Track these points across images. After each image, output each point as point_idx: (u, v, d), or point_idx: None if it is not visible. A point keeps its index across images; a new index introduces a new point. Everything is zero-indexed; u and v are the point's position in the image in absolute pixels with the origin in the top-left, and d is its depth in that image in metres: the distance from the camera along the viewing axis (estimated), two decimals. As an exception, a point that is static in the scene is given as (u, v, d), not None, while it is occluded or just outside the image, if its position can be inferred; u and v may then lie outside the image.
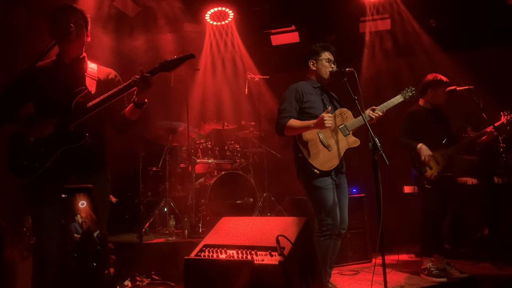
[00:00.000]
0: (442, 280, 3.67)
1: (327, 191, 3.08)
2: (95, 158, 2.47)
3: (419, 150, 3.87)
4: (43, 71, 2.44)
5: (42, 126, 2.31)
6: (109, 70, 2.62)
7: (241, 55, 6.67)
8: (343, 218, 3.20)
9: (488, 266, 4.17)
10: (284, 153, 5.77)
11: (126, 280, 4.01)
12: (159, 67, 2.41)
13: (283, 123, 3.13)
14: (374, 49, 6.32)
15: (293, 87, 3.31)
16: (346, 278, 3.96)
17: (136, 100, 2.40)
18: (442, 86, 4.01)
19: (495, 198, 4.57)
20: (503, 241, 4.36)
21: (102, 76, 2.54)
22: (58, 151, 2.28)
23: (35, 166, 2.25)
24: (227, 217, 2.45)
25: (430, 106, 4.10)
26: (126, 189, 5.60)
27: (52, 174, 2.27)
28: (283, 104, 3.24)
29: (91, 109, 2.35)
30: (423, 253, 3.94)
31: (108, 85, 2.49)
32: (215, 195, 4.91)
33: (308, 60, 3.41)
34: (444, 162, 3.92)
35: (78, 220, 1.42)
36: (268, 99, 6.30)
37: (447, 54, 5.85)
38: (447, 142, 3.98)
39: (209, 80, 6.73)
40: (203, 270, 2.04)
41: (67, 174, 2.31)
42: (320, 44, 3.41)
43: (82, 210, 1.41)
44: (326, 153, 3.13)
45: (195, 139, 5.38)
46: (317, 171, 3.05)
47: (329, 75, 3.33)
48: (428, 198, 3.91)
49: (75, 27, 2.38)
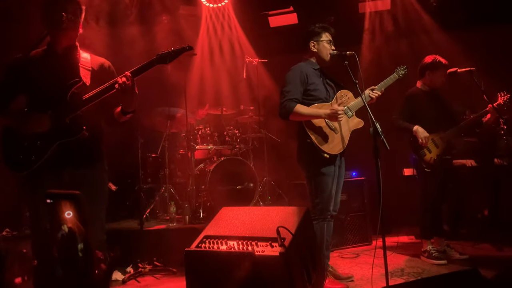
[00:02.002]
0: (442, 262, 3.72)
1: (329, 178, 3.13)
2: (91, 150, 2.44)
3: (415, 132, 3.84)
4: (36, 61, 2.39)
5: (37, 119, 2.27)
6: (102, 59, 2.56)
7: (239, 38, 6.54)
8: (336, 201, 3.27)
9: (488, 247, 4.20)
10: (284, 137, 5.73)
11: (128, 267, 4.04)
12: (156, 59, 2.37)
13: (290, 107, 3.05)
14: (374, 30, 6.21)
15: (297, 68, 3.24)
16: (346, 261, 4.00)
17: (123, 108, 2.39)
18: (440, 69, 3.95)
19: (495, 180, 4.57)
20: (503, 222, 4.38)
21: (96, 66, 2.49)
22: (55, 144, 2.26)
23: (31, 160, 2.23)
24: (227, 207, 2.44)
25: (428, 89, 4.04)
26: (126, 176, 5.58)
27: (49, 167, 2.26)
28: (288, 85, 3.16)
29: (87, 101, 2.31)
30: (423, 235, 3.97)
31: (102, 76, 2.44)
32: (215, 181, 4.90)
33: (308, 41, 3.33)
34: (444, 145, 3.90)
35: (64, 230, 1.39)
36: (267, 83, 6.22)
37: (448, 34, 5.75)
38: (446, 124, 3.95)
39: (207, 65, 6.62)
40: (204, 262, 2.04)
41: (64, 166, 2.30)
42: (320, 24, 3.34)
43: (69, 220, 1.38)
44: (334, 137, 3.14)
45: (193, 125, 5.34)
46: (327, 155, 3.05)
47: (329, 58, 3.28)
48: (428, 181, 3.92)
49: (69, 16, 2.32)
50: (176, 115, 5.38)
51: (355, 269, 3.68)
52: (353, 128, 3.25)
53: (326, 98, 3.24)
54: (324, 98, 3.23)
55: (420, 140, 3.82)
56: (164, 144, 5.40)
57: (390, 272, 3.41)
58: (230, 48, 6.67)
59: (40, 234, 2.24)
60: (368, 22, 6.20)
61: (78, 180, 2.33)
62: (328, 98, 3.26)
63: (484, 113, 3.86)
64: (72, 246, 1.37)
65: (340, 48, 3.29)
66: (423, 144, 3.82)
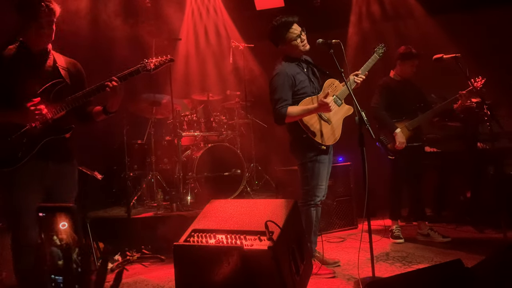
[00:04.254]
0: (398, 241, 4.00)
1: (323, 166, 3.20)
2: (69, 147, 2.53)
3: (396, 134, 3.97)
4: (12, 59, 2.33)
5: (16, 116, 2.27)
6: (73, 60, 2.62)
7: (224, 21, 6.43)
8: (325, 187, 3.34)
9: (470, 229, 4.32)
10: (270, 123, 5.71)
11: (116, 255, 4.05)
12: (142, 67, 2.48)
13: (283, 113, 3.07)
14: (360, 14, 6.16)
15: (282, 73, 3.18)
16: (333, 245, 4.07)
17: (107, 108, 2.48)
18: (410, 60, 4.07)
19: (478, 164, 4.66)
20: (484, 205, 4.49)
21: (71, 66, 2.55)
22: (43, 141, 2.31)
23: (17, 157, 2.25)
24: (216, 200, 2.45)
25: (399, 78, 4.18)
26: (112, 163, 5.53)
27: (33, 162, 2.30)
28: (277, 93, 3.13)
29: (75, 101, 2.38)
30: (390, 217, 4.20)
31: (76, 76, 2.53)
32: (203, 167, 4.89)
33: (280, 38, 3.24)
34: (409, 133, 4.04)
35: (57, 243, 1.37)
36: (254, 67, 6.16)
37: (434, 19, 5.74)
38: (414, 114, 4.10)
39: (192, 50, 6.51)
40: (192, 256, 2.05)
41: (46, 161, 2.35)
42: (283, 19, 3.22)
43: (63, 231, 1.36)
44: (328, 127, 3.19)
45: (180, 112, 5.28)
46: (324, 147, 3.13)
47: (307, 47, 3.24)
48: (393, 167, 4.16)
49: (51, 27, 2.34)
50: (162, 101, 5.31)
51: (342, 253, 3.76)
52: (344, 116, 3.31)
53: (312, 92, 3.25)
54: (311, 93, 3.23)
55: (397, 143, 3.95)
56: (150, 131, 5.33)
57: (376, 256, 3.48)
58: (216, 32, 6.56)
59: (21, 233, 2.25)
60: (355, 5, 6.14)
61: (58, 174, 2.43)
62: (314, 92, 3.27)
63: (454, 99, 3.98)
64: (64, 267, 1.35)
65: (326, 32, 3.26)
66: (397, 147, 3.96)
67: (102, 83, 2.41)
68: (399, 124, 4.02)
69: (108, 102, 2.47)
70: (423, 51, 4.20)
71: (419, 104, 4.16)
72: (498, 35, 5.41)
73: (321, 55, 3.25)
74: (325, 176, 3.24)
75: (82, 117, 2.61)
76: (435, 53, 3.89)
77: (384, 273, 3.14)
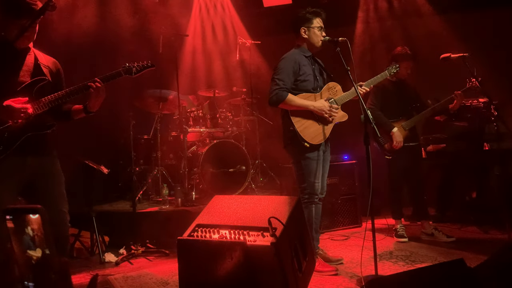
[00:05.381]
0: (402, 240, 3.99)
1: (314, 162, 3.19)
2: (49, 140, 2.55)
3: (393, 134, 3.97)
4: None
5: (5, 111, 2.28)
6: (53, 59, 2.64)
7: (232, 18, 6.43)
8: (323, 184, 3.33)
9: (475, 229, 4.30)
10: (276, 120, 5.73)
11: (121, 249, 4.09)
12: (124, 70, 2.53)
13: (282, 96, 3.08)
14: (368, 12, 6.14)
15: (291, 57, 3.23)
16: (336, 243, 4.07)
17: (88, 108, 2.53)
18: (405, 61, 4.05)
19: (483, 163, 4.64)
20: (489, 205, 4.47)
21: (51, 65, 2.59)
22: (23, 136, 2.34)
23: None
24: (219, 196, 2.47)
25: (395, 79, 4.17)
26: (118, 158, 5.58)
27: (11, 158, 2.32)
28: (280, 74, 3.15)
29: (56, 100, 2.42)
30: (393, 216, 4.20)
31: (56, 75, 2.58)
32: (208, 163, 4.91)
33: (298, 27, 3.30)
34: (405, 133, 4.05)
35: (29, 233, 1.35)
36: (260, 64, 6.16)
37: (441, 17, 5.71)
38: (409, 114, 4.11)
39: (199, 46, 6.52)
40: (196, 250, 2.07)
41: (26, 155, 2.39)
42: (311, 9, 3.29)
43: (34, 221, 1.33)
44: (316, 127, 3.17)
45: (186, 108, 5.31)
46: (307, 144, 3.11)
47: (320, 44, 3.27)
48: (390, 167, 4.17)
49: (34, 28, 2.38)
50: (168, 97, 5.34)
51: (345, 251, 3.76)
52: (337, 121, 3.28)
53: (313, 88, 3.25)
54: (311, 89, 3.24)
55: (395, 143, 3.96)
56: (156, 126, 5.37)
57: (379, 255, 3.50)
58: (223, 29, 6.57)
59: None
60: (362, 3, 6.12)
61: (39, 167, 2.46)
62: (316, 89, 3.27)
63: (449, 99, 3.97)
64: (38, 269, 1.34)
65: (333, 30, 3.27)
66: (395, 147, 3.97)
67: (86, 83, 2.46)
68: (395, 124, 4.03)
69: (90, 102, 2.51)
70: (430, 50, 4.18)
71: (415, 104, 4.17)
72: (506, 34, 5.36)
73: (328, 52, 3.26)
74: (319, 173, 3.22)
75: (57, 115, 2.62)
76: (442, 52, 3.88)
77: (387, 271, 3.14)
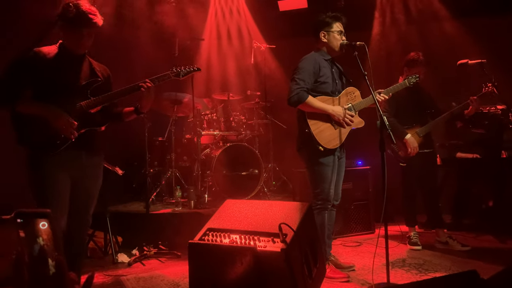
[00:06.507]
0: (416, 248, 3.95)
1: (328, 168, 3.15)
2: (99, 139, 2.72)
3: (406, 141, 3.91)
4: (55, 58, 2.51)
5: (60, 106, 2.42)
6: (103, 65, 2.82)
7: (247, 22, 6.46)
8: (337, 191, 3.31)
9: (491, 239, 4.22)
10: (290, 124, 5.73)
11: (134, 250, 4.14)
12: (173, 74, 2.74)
13: (303, 97, 3.04)
14: (384, 16, 6.09)
15: (311, 57, 3.23)
16: (349, 249, 4.04)
17: (140, 108, 2.68)
18: (417, 66, 3.98)
19: (501, 171, 4.55)
20: (507, 214, 4.37)
21: (103, 70, 2.77)
22: (82, 130, 2.49)
23: (56, 144, 2.41)
24: (231, 200, 2.48)
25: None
26: (133, 159, 5.65)
27: (69, 151, 2.46)
28: (302, 73, 3.13)
29: (108, 98, 2.58)
30: (406, 224, 4.14)
31: (107, 79, 2.75)
32: (221, 166, 4.94)
33: (318, 31, 3.29)
34: (420, 139, 3.98)
35: (39, 242, 1.39)
36: (275, 68, 6.17)
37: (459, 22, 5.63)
38: (424, 120, 4.05)
39: (214, 50, 6.56)
40: (207, 254, 2.09)
41: (80, 150, 2.53)
42: (331, 14, 3.29)
43: (44, 232, 1.38)
44: (332, 131, 3.14)
45: (200, 111, 5.35)
46: (321, 148, 3.08)
47: (339, 48, 3.26)
48: (404, 174, 4.11)
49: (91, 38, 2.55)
50: (183, 100, 5.39)
51: (357, 258, 3.72)
52: (353, 127, 3.23)
53: (332, 92, 3.23)
54: (330, 92, 3.21)
55: (409, 150, 3.90)
56: (171, 129, 5.43)
57: (392, 262, 3.45)
58: (238, 33, 6.60)
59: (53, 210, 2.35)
60: (379, 7, 6.07)
61: (91, 166, 2.63)
62: (334, 92, 3.24)
63: (465, 105, 3.89)
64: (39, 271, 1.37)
65: (349, 33, 3.26)
66: (410, 153, 3.91)
67: (137, 84, 2.59)
68: (409, 131, 3.96)
69: (141, 103, 2.67)
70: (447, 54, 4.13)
71: (429, 111, 4.10)
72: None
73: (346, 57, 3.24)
74: (333, 178, 3.18)
75: (110, 116, 2.76)
76: (459, 56, 3.83)
77: (400, 279, 3.10)
